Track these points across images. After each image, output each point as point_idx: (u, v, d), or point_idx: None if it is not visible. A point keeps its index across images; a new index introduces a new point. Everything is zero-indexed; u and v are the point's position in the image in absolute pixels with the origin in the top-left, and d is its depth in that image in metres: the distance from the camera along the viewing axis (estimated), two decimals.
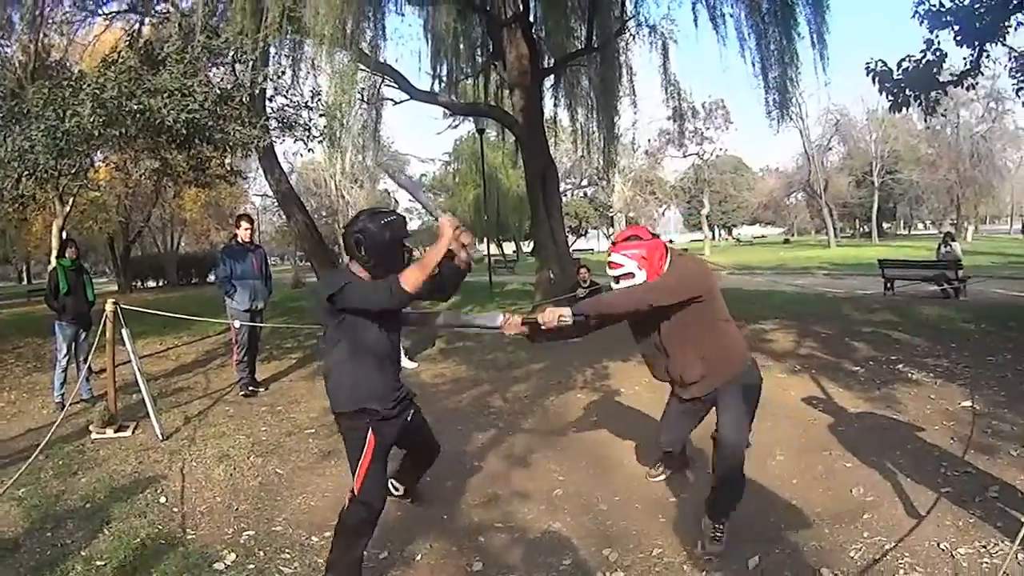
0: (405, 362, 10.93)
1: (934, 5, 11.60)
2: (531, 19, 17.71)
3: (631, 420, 7.92)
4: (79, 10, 17.02)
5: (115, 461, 7.27)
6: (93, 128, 10.45)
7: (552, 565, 4.81)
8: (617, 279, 4.87)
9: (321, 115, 13.70)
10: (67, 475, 6.87)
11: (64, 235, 17.60)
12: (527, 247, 70.84)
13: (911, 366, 9.23)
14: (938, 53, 11.85)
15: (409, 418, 4.99)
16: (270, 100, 13.70)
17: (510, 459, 6.96)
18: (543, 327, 4.76)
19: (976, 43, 11.76)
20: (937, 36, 11.80)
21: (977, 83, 12.97)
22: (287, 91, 13.80)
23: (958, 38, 11.65)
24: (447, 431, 7.72)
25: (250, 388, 10.31)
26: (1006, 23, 11.50)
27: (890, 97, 12.30)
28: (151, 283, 51.98)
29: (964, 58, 12.23)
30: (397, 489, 5.62)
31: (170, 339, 14.88)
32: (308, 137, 13.61)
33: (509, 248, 76.56)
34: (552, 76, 20.18)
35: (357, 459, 4.56)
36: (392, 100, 21.37)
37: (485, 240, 41.99)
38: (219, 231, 52.83)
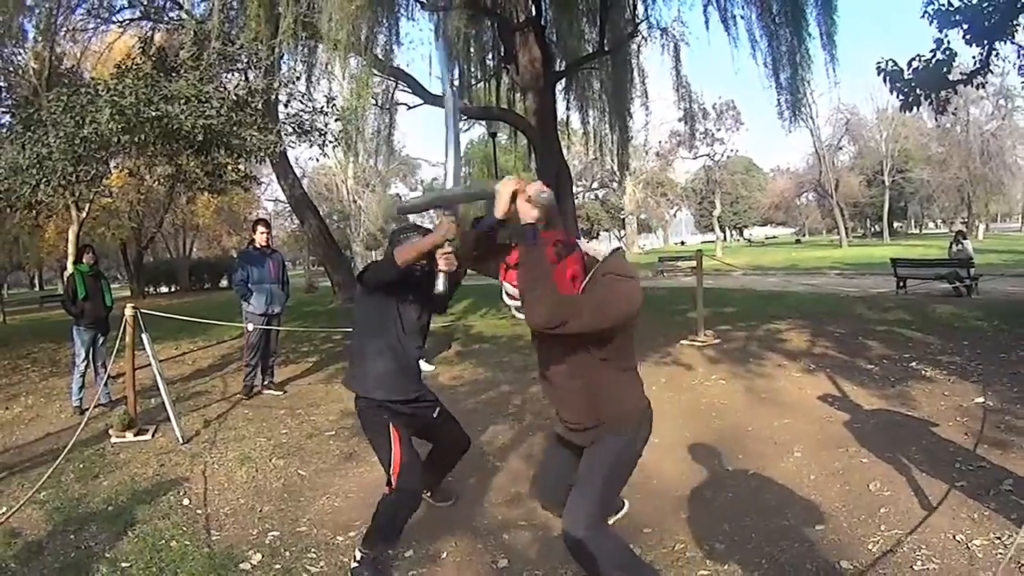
0: (423, 365, 10.98)
1: (943, 5, 11.61)
2: (543, 23, 17.75)
3: None
4: (92, 18, 17.09)
5: (136, 464, 7.32)
6: (111, 135, 10.52)
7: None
8: None
9: (336, 120, 13.77)
10: (88, 478, 6.93)
11: (79, 241, 17.71)
12: None
13: (924, 364, 9.25)
14: (948, 52, 11.86)
15: (435, 415, 5.38)
16: (285, 105, 13.78)
17: (531, 459, 6.98)
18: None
19: (985, 42, 11.77)
20: (947, 35, 11.82)
21: (987, 81, 12.98)
22: (302, 97, 13.89)
23: (967, 37, 11.66)
24: (468, 432, 7.83)
25: (255, 390, 10.42)
26: (1015, 21, 11.51)
27: (901, 96, 12.31)
28: (163, 288, 52.16)
29: (974, 57, 12.27)
30: None
31: (185, 344, 14.94)
32: (323, 142, 13.70)
33: None
34: (564, 79, 20.21)
35: (384, 449, 4.77)
36: (406, 105, 21.38)
37: None
38: (231, 236, 53.04)
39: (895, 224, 78.86)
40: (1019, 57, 12.71)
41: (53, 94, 11.55)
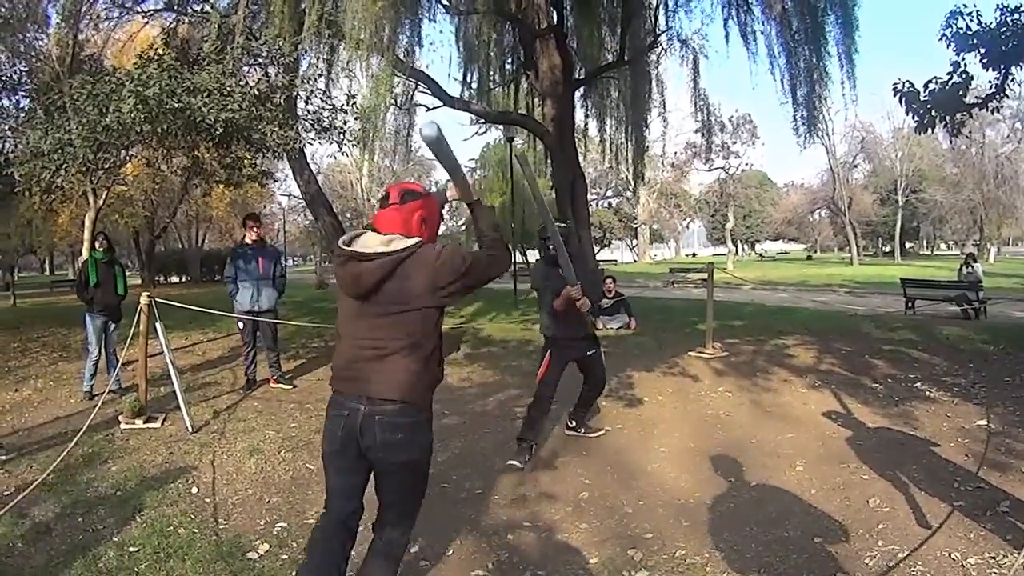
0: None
1: (961, 28, 11.63)
2: (564, 30, 17.75)
3: (655, 428, 8.11)
4: (116, 7, 17.13)
5: (145, 451, 7.36)
6: (133, 124, 10.58)
7: (579, 563, 4.93)
8: None
9: (356, 118, 13.82)
10: (97, 463, 6.96)
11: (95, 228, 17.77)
12: None
13: (929, 384, 9.30)
14: (964, 75, 11.85)
15: (589, 354, 7.43)
16: (306, 103, 13.80)
17: (537, 462, 7.08)
18: None
19: (1002, 66, 11.76)
20: (963, 59, 11.82)
21: (1002, 105, 12.97)
22: (322, 95, 13.94)
23: (984, 61, 11.66)
24: (474, 434, 7.95)
25: (257, 383, 10.48)
26: None
27: (916, 118, 12.28)
28: (174, 278, 52.15)
29: (990, 81, 12.27)
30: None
31: (195, 334, 14.96)
32: (342, 140, 13.76)
33: (533, 256, 76.44)
34: (583, 87, 20.17)
35: (540, 364, 7.42)
36: (425, 106, 21.21)
37: (510, 248, 42.23)
38: (243, 229, 53.13)
39: (907, 244, 78.83)
40: None
41: (77, 81, 11.58)
